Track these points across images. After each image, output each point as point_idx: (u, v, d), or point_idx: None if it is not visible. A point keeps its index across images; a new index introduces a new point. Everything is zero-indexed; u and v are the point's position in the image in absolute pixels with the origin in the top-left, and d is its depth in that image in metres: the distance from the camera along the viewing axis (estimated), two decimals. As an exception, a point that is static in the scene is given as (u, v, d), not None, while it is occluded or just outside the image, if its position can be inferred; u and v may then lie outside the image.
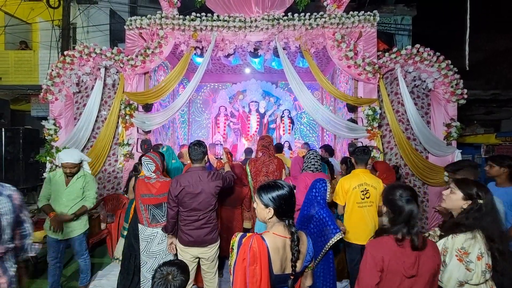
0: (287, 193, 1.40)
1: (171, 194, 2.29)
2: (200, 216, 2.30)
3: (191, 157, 2.37)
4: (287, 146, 6.78)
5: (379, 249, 1.44)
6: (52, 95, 4.51)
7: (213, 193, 2.32)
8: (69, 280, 3.45)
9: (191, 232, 2.31)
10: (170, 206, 2.32)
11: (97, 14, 8.21)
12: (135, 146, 4.59)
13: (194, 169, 2.36)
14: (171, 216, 2.34)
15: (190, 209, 2.29)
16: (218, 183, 2.35)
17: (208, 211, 2.33)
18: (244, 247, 1.37)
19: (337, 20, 4.26)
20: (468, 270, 1.51)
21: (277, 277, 1.38)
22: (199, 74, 4.51)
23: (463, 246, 1.53)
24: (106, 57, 4.43)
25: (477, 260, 1.50)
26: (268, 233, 1.42)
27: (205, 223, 2.33)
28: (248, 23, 4.35)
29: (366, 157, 2.75)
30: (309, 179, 2.86)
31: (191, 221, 2.30)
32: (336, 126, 4.44)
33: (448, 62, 4.27)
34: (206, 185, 2.29)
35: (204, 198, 2.29)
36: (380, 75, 4.34)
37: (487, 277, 1.52)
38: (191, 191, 2.27)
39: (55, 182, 2.78)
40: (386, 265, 1.41)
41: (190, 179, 2.29)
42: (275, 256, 1.37)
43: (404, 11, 8.53)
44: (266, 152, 3.37)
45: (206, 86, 7.49)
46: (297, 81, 4.46)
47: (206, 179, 2.31)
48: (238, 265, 1.38)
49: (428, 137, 4.31)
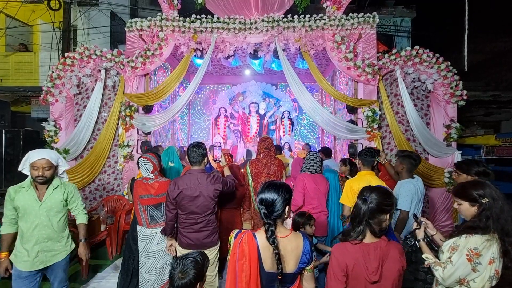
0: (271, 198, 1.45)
1: (169, 197, 2.26)
2: (198, 219, 2.26)
3: (189, 159, 2.33)
4: (287, 147, 6.79)
5: (343, 254, 1.42)
6: (52, 97, 4.52)
7: (212, 196, 2.27)
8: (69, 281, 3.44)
9: (190, 235, 2.28)
10: (169, 208, 2.29)
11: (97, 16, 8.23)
12: (135, 147, 4.60)
13: (193, 172, 2.32)
14: (169, 219, 2.31)
15: (188, 212, 2.26)
16: (218, 187, 2.30)
17: (206, 214, 2.28)
18: (236, 242, 1.44)
19: (336, 22, 4.27)
20: (473, 270, 1.50)
21: (268, 275, 1.42)
22: (199, 75, 4.53)
23: (476, 247, 1.50)
24: (106, 59, 4.45)
25: (488, 264, 1.48)
26: (260, 230, 1.47)
27: (204, 226, 2.29)
28: (248, 25, 4.36)
29: (372, 159, 2.69)
30: (307, 180, 2.89)
31: (189, 224, 2.27)
32: (336, 128, 4.44)
33: (448, 64, 4.29)
34: (205, 188, 2.25)
35: (203, 201, 2.25)
36: (380, 77, 4.35)
37: (493, 283, 1.49)
38: (189, 194, 2.23)
39: (22, 198, 2.08)
40: (350, 270, 1.39)
41: (188, 182, 2.25)
42: (265, 254, 1.41)
43: (403, 13, 8.56)
44: (268, 154, 3.37)
45: (206, 88, 7.50)
46: (297, 83, 4.47)
47: (205, 182, 2.26)
48: (230, 259, 1.44)
49: (428, 138, 4.31)
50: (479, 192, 1.58)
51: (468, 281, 1.52)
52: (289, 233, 1.48)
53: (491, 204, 1.53)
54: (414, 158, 2.59)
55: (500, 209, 1.52)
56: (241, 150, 6.82)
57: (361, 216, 1.43)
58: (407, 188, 2.48)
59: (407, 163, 2.56)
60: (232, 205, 3.25)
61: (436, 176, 4.32)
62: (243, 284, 1.36)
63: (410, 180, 2.55)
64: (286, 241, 1.45)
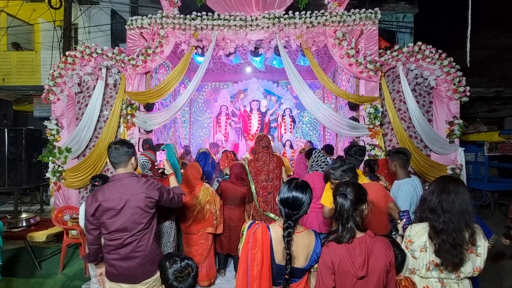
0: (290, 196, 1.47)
1: (87, 214, 1.77)
2: (126, 239, 1.74)
3: (110, 160, 1.83)
4: (288, 145, 6.78)
5: (328, 252, 1.42)
6: (54, 96, 4.53)
7: (143, 206, 1.76)
8: (72, 279, 3.47)
9: (116, 262, 1.76)
10: (87, 229, 1.80)
11: (98, 15, 8.24)
12: (137, 145, 4.60)
13: (116, 177, 1.82)
14: (90, 242, 1.83)
15: (113, 231, 1.74)
16: (152, 195, 1.79)
17: (137, 232, 1.75)
18: (250, 231, 1.48)
19: (338, 18, 4.24)
20: (414, 258, 1.57)
21: (278, 267, 1.47)
22: (200, 73, 4.51)
23: (410, 234, 1.60)
24: (107, 57, 4.44)
25: (420, 251, 1.55)
26: (275, 224, 1.52)
27: (134, 250, 1.75)
28: (249, 22, 4.33)
29: (363, 158, 2.60)
30: (316, 180, 2.77)
31: (114, 247, 1.75)
32: (337, 125, 4.42)
33: (451, 60, 4.24)
34: (133, 197, 1.75)
35: (130, 214, 1.74)
36: (382, 73, 4.31)
37: (433, 274, 1.54)
38: (110, 206, 1.73)
39: None
40: (337, 267, 1.39)
41: (109, 191, 1.76)
42: (277, 247, 1.46)
43: (405, 9, 8.48)
44: (266, 152, 3.37)
45: (207, 85, 7.49)
46: (298, 80, 4.45)
47: (134, 189, 1.77)
48: (243, 247, 1.49)
49: (431, 135, 4.28)
50: (433, 182, 1.65)
51: (417, 270, 1.59)
52: (303, 230, 1.51)
53: (427, 195, 1.59)
54: (403, 152, 2.53)
55: (435, 201, 1.54)
56: (243, 148, 6.82)
57: (347, 212, 1.43)
58: (405, 191, 2.42)
59: (398, 159, 2.49)
60: (235, 203, 3.26)
61: (439, 173, 4.28)
62: (255, 273, 1.41)
63: (407, 181, 2.47)
64: (299, 237, 1.48)
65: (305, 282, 1.55)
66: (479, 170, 7.04)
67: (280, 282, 1.48)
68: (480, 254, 1.51)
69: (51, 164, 4.50)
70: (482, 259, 1.52)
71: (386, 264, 1.38)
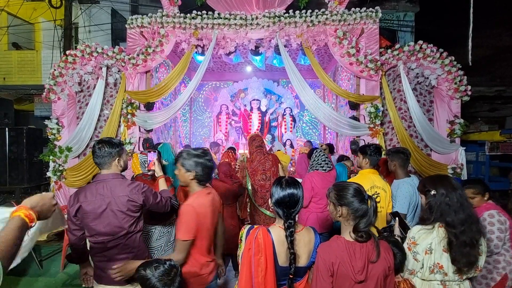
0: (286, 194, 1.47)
1: (69, 214, 1.71)
2: (108, 243, 1.69)
3: (93, 160, 1.78)
4: (289, 144, 6.77)
5: (329, 253, 1.38)
6: (54, 95, 4.53)
7: (125, 211, 1.69)
8: (73, 278, 3.48)
9: (102, 264, 1.73)
10: (70, 229, 1.74)
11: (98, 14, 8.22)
12: (137, 145, 4.61)
13: (100, 178, 1.75)
14: (72, 243, 1.77)
15: (96, 234, 1.70)
16: (136, 198, 1.72)
17: (119, 236, 1.70)
18: (250, 237, 1.45)
19: (338, 17, 4.22)
20: (415, 260, 1.55)
21: (282, 269, 1.45)
22: (200, 72, 4.51)
23: (413, 236, 1.57)
24: (107, 56, 4.44)
25: (424, 254, 1.52)
26: (274, 226, 1.51)
27: (121, 253, 1.72)
28: (249, 21, 4.33)
29: (380, 157, 2.56)
30: (316, 180, 2.80)
31: (99, 249, 1.72)
32: (338, 124, 4.41)
33: (452, 59, 4.22)
34: (115, 200, 1.68)
35: (112, 218, 1.68)
36: (383, 72, 4.30)
37: (437, 277, 1.51)
38: (91, 209, 1.67)
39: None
40: (336, 269, 1.36)
41: (90, 193, 1.69)
42: (280, 249, 1.44)
43: (406, 7, 8.44)
44: (260, 151, 3.39)
45: (207, 85, 7.48)
46: (299, 79, 4.44)
47: (117, 190, 1.70)
48: (244, 254, 1.45)
49: (431, 135, 4.27)
50: (430, 185, 1.61)
51: (417, 272, 1.57)
52: (302, 228, 1.52)
53: (437, 196, 1.55)
54: (403, 152, 2.52)
55: (445, 202, 1.52)
56: (243, 147, 6.82)
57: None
58: (404, 190, 2.40)
59: (397, 159, 2.49)
60: (225, 201, 3.22)
61: (440, 172, 4.28)
62: (259, 279, 1.39)
63: (407, 181, 2.46)
64: (300, 235, 1.48)
65: (306, 280, 1.55)
66: (480, 169, 7.03)
67: (282, 284, 1.47)
68: (481, 253, 1.51)
69: (52, 163, 4.51)
70: (483, 259, 1.52)
71: (385, 269, 1.36)
